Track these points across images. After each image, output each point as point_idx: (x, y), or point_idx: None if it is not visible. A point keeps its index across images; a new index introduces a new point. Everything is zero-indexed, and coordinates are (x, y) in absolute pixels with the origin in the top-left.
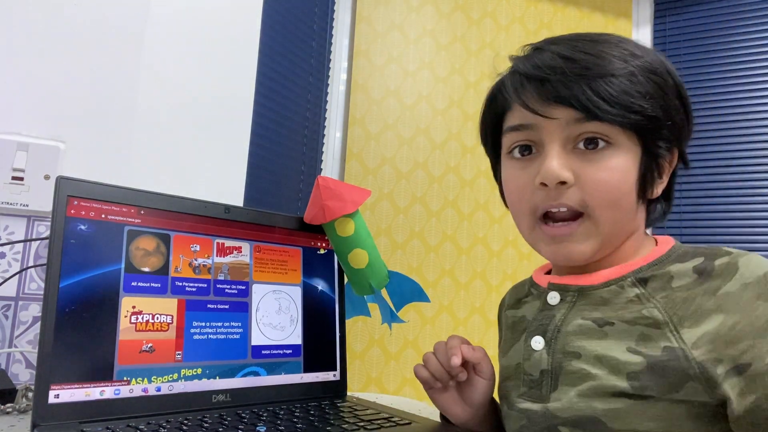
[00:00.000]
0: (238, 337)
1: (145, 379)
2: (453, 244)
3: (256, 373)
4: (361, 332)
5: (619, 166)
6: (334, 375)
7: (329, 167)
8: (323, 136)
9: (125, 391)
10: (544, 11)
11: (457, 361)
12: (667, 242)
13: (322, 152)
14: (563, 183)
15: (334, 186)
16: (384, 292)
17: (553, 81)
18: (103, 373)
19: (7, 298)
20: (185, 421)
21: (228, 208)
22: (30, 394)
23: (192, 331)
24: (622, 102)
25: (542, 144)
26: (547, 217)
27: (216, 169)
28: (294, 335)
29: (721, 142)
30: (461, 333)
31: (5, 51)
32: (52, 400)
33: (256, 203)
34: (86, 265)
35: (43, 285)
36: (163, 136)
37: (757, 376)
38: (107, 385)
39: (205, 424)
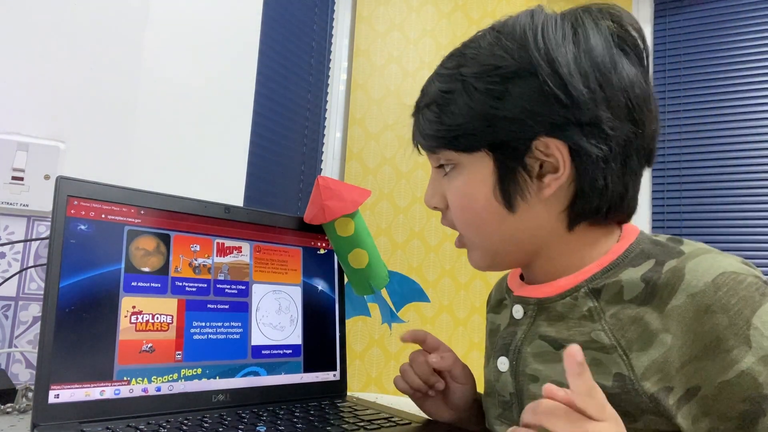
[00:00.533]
0: (238, 337)
1: (145, 379)
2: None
3: (256, 373)
4: (361, 332)
5: (462, 185)
6: (334, 375)
7: (329, 167)
8: (323, 136)
9: (125, 391)
10: None
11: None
12: (628, 237)
13: (322, 152)
14: (437, 208)
15: (334, 186)
16: (384, 292)
17: (414, 117)
18: (103, 373)
19: (7, 298)
20: (185, 421)
21: (228, 208)
22: (30, 394)
23: (192, 331)
24: (430, 131)
25: None
26: None
27: (216, 169)
28: (294, 335)
29: (721, 142)
30: (461, 333)
31: (5, 51)
32: (52, 400)
33: (256, 203)
34: (86, 265)
35: (43, 285)
36: (163, 136)
37: (707, 399)
38: (107, 385)
39: (205, 424)
